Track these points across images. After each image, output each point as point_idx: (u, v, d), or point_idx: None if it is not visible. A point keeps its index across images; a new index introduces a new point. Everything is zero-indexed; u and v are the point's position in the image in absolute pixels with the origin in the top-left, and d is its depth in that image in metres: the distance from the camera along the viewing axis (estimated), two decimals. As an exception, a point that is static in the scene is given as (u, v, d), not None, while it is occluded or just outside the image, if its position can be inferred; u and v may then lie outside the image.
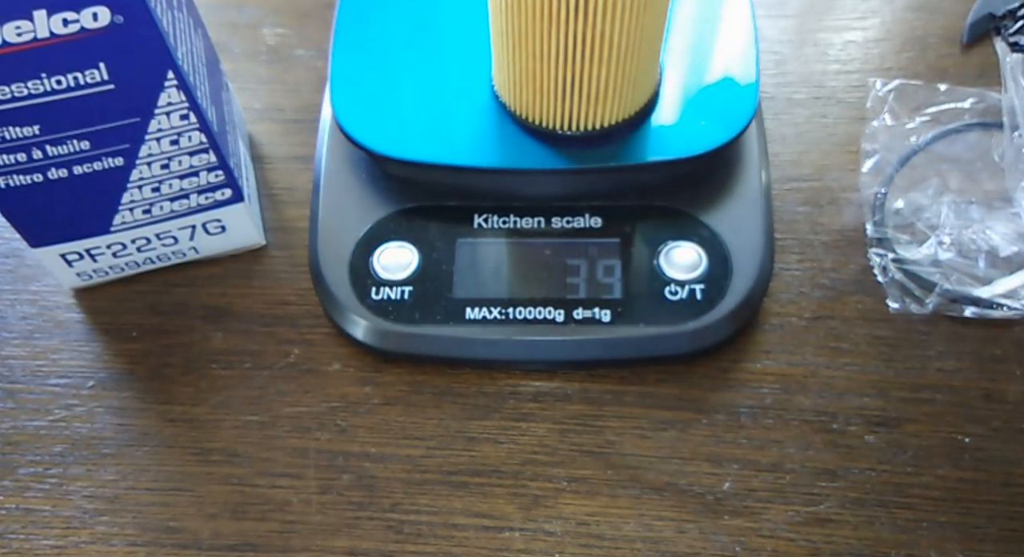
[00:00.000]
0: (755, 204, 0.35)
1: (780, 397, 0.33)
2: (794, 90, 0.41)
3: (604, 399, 0.33)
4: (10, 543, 0.31)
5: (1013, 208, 0.37)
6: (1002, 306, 0.34)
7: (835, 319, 0.35)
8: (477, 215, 0.35)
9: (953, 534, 0.30)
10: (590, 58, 0.31)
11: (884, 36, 0.43)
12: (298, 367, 0.34)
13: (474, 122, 0.35)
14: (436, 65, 0.36)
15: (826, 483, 0.31)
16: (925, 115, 0.39)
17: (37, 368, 0.35)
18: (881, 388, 0.33)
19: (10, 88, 0.27)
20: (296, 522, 0.31)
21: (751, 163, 0.36)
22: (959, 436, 0.32)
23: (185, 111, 0.30)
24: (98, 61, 0.27)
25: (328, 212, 0.36)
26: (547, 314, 0.33)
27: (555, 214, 0.35)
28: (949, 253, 0.35)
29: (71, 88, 0.28)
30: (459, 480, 0.32)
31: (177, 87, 0.29)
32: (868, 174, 0.38)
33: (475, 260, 0.34)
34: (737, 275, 0.34)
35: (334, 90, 0.36)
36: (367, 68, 0.36)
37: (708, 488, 0.31)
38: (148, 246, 0.35)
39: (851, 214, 0.37)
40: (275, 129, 0.41)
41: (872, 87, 0.40)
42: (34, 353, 0.35)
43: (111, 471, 0.32)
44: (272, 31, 0.45)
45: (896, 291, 0.35)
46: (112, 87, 0.28)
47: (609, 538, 0.31)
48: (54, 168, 0.30)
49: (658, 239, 0.34)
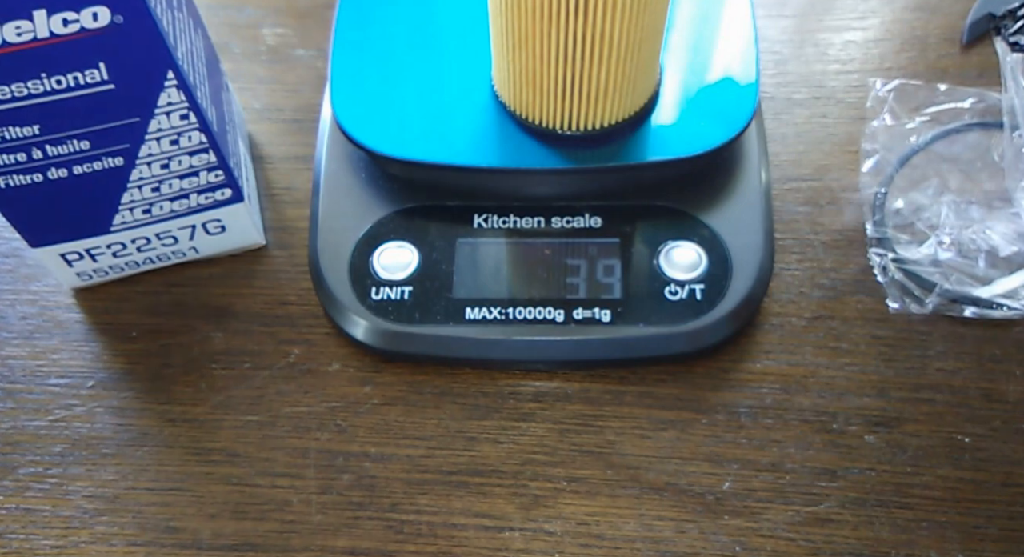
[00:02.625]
0: (755, 204, 0.35)
1: (780, 397, 0.33)
2: (794, 90, 0.41)
3: (604, 399, 0.33)
4: (10, 543, 0.31)
5: (1013, 208, 0.37)
6: (1002, 306, 0.34)
7: (835, 319, 0.35)
8: (477, 215, 0.35)
9: (953, 534, 0.30)
10: (590, 58, 0.31)
11: (884, 36, 0.43)
12: (298, 367, 0.34)
13: (474, 122, 0.35)
14: (436, 65, 0.36)
15: (826, 483, 0.31)
16: (925, 115, 0.39)
17: (37, 368, 0.35)
18: (881, 388, 0.33)
19: (10, 88, 0.27)
20: (296, 522, 0.31)
21: (751, 163, 0.36)
22: (959, 436, 0.32)
23: (185, 111, 0.30)
24: (98, 61, 0.27)
25: (328, 212, 0.36)
26: (547, 314, 0.33)
27: (555, 214, 0.35)
28: (949, 253, 0.35)
29: (71, 88, 0.28)
30: (459, 480, 0.32)
31: (177, 87, 0.29)
32: (868, 174, 0.38)
33: (475, 260, 0.34)
34: (737, 275, 0.34)
35: (334, 90, 0.36)
36: (367, 68, 0.36)
37: (708, 488, 0.31)
38: (148, 246, 0.35)
39: (851, 214, 0.37)
40: (275, 129, 0.41)
41: (872, 87, 0.40)
42: (34, 353, 0.35)
43: (111, 471, 0.32)
44: (272, 31, 0.45)
45: (896, 291, 0.35)
46: (112, 87, 0.28)
47: (609, 538, 0.31)
48: (54, 168, 0.30)
49: (658, 239, 0.34)
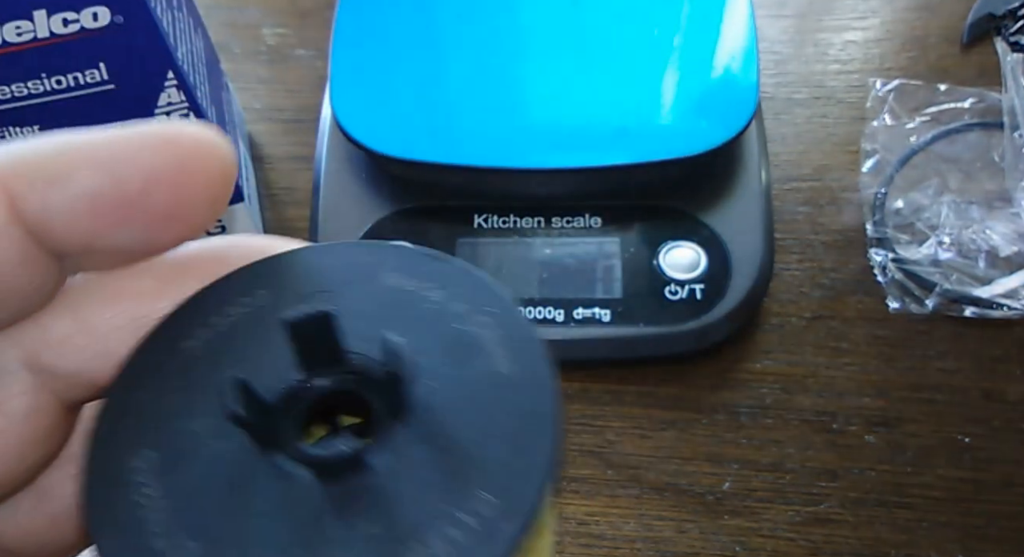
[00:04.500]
0: (755, 204, 0.35)
1: (780, 397, 0.33)
2: (794, 90, 0.41)
3: (604, 399, 0.33)
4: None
5: (1013, 208, 0.36)
6: (1002, 306, 0.34)
7: (835, 319, 0.35)
8: (477, 215, 0.35)
9: (953, 534, 0.30)
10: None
11: (884, 36, 0.43)
12: (298, 367, 0.34)
13: (474, 122, 0.35)
14: (435, 65, 0.36)
15: (826, 483, 0.31)
16: (925, 115, 0.39)
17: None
18: (881, 388, 0.33)
19: (10, 88, 0.27)
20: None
21: (751, 163, 0.36)
22: (959, 436, 0.32)
23: (185, 111, 0.30)
24: (98, 61, 0.27)
25: (328, 212, 0.36)
26: (547, 314, 0.33)
27: (555, 214, 0.35)
28: (949, 253, 0.35)
29: (71, 88, 0.28)
30: (459, 480, 0.32)
31: (177, 87, 0.29)
32: (868, 174, 0.38)
33: (475, 260, 0.34)
34: (737, 275, 0.34)
35: (334, 90, 0.36)
36: (367, 68, 0.36)
37: (708, 488, 0.31)
38: (148, 246, 0.35)
39: (851, 214, 0.37)
40: (275, 129, 0.41)
41: (872, 87, 0.40)
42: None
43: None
44: (272, 31, 0.45)
45: (896, 291, 0.35)
46: (112, 87, 0.28)
47: (609, 538, 0.31)
48: (54, 168, 0.30)
49: (658, 239, 0.34)
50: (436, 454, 0.12)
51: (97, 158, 0.13)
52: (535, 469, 0.12)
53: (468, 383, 0.13)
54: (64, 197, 0.13)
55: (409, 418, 0.13)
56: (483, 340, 0.13)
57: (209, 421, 0.13)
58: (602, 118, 0.34)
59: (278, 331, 0.13)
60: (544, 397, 0.13)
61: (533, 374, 0.13)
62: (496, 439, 0.12)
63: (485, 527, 0.12)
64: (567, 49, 0.36)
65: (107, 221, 0.13)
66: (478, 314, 0.14)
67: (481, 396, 0.13)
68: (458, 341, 0.13)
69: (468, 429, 0.13)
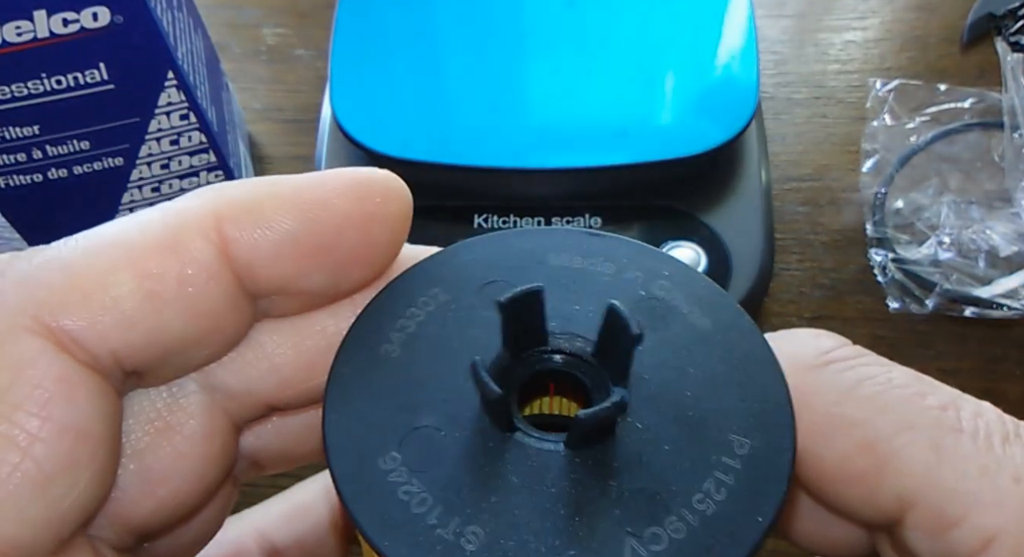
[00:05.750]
0: (755, 204, 0.35)
1: (780, 397, 0.33)
2: (794, 90, 0.41)
3: (604, 399, 0.33)
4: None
5: (1013, 208, 0.36)
6: (1002, 306, 0.34)
7: (835, 319, 0.35)
8: (477, 215, 0.35)
9: (953, 534, 0.30)
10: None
11: (884, 36, 0.43)
12: (298, 367, 0.34)
13: (474, 122, 0.35)
14: (435, 65, 0.36)
15: (826, 483, 0.31)
16: (925, 115, 0.39)
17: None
18: (881, 388, 0.33)
19: (10, 88, 0.27)
20: (296, 522, 0.31)
21: (751, 163, 0.36)
22: (959, 436, 0.32)
23: (185, 111, 0.30)
24: (98, 61, 0.27)
25: (328, 212, 0.36)
26: (547, 314, 0.33)
27: (555, 214, 0.35)
28: (949, 253, 0.35)
29: (71, 88, 0.28)
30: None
31: (177, 87, 0.29)
32: (868, 174, 0.38)
33: (475, 260, 0.34)
34: (737, 275, 0.34)
35: (334, 90, 0.36)
36: (367, 68, 0.36)
37: (708, 488, 0.31)
38: (148, 246, 0.35)
39: (851, 214, 0.37)
40: (275, 129, 0.41)
41: (872, 87, 0.40)
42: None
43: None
44: (272, 31, 0.45)
45: (896, 291, 0.35)
46: (112, 87, 0.28)
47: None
48: (54, 168, 0.30)
49: (658, 239, 0.34)
50: (671, 411, 0.13)
51: (298, 202, 0.13)
52: (779, 408, 0.13)
53: (676, 343, 0.13)
54: (270, 241, 0.13)
55: (630, 384, 0.13)
56: (672, 301, 0.14)
57: (437, 415, 0.13)
58: (602, 118, 0.34)
59: (470, 322, 0.13)
60: (755, 341, 0.14)
61: (733, 324, 0.14)
62: (726, 388, 0.13)
63: (754, 466, 0.12)
64: (567, 49, 0.36)
65: (304, 264, 0.13)
66: (656, 279, 0.14)
67: (694, 352, 0.13)
68: (649, 306, 0.14)
69: (693, 384, 0.13)
